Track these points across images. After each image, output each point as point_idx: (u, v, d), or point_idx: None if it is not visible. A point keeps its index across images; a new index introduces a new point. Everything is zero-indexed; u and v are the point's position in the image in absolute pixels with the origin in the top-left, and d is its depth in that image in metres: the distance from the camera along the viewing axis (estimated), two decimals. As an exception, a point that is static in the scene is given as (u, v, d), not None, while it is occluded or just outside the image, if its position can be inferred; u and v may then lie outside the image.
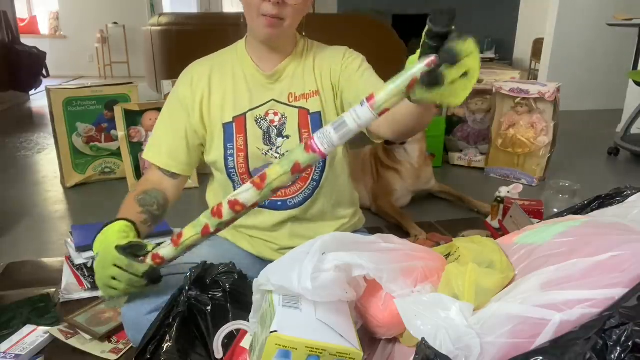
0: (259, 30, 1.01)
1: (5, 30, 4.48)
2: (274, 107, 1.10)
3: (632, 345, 0.47)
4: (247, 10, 1.01)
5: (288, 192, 1.12)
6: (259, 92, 1.10)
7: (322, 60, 1.12)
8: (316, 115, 1.10)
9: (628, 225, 0.67)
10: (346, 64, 1.11)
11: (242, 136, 1.10)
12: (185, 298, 0.83)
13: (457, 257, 0.73)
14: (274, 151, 1.10)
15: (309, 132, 1.10)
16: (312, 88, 1.11)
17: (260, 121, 1.10)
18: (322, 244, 0.65)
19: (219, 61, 1.13)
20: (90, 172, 2.38)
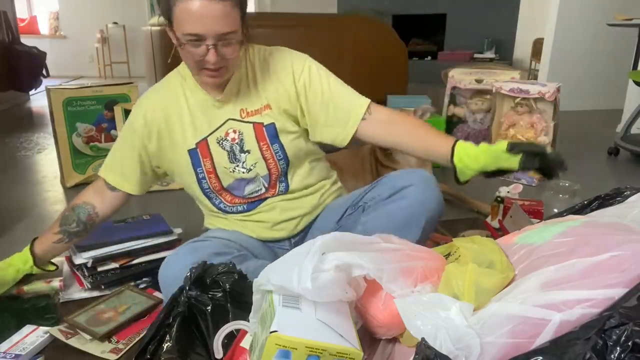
0: (205, 81, 1.06)
1: (5, 30, 4.48)
2: (232, 126, 1.13)
3: (632, 345, 0.47)
4: (188, 63, 1.04)
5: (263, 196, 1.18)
6: (214, 115, 1.13)
7: (268, 74, 1.13)
8: (270, 127, 1.13)
9: (628, 225, 0.67)
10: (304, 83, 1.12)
11: (208, 159, 1.14)
12: (185, 298, 0.83)
13: (457, 257, 0.73)
14: (240, 167, 1.14)
15: (267, 144, 1.13)
16: (263, 102, 1.13)
17: (222, 142, 1.13)
18: (322, 244, 0.65)
19: (169, 91, 1.15)
20: (90, 172, 2.38)
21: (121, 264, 1.35)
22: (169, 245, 1.44)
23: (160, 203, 2.13)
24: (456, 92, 2.69)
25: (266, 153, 1.13)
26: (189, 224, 1.75)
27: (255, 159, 1.14)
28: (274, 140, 1.13)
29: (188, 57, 1.01)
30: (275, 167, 1.15)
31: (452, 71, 2.72)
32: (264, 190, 1.17)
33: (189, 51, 0.98)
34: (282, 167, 1.15)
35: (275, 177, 1.16)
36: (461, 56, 6.41)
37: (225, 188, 1.17)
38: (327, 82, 1.13)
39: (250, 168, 1.14)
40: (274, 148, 1.14)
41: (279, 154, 1.14)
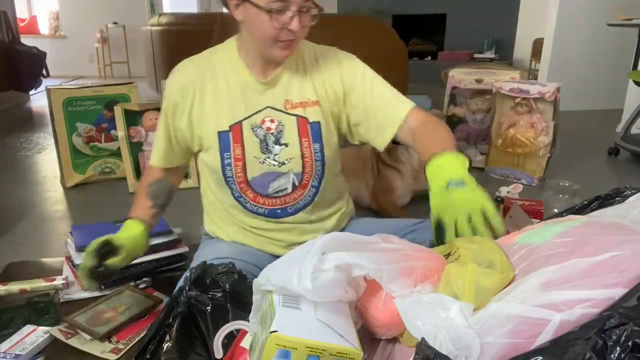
0: (275, 54, 1.00)
1: (5, 30, 4.48)
2: (270, 114, 1.08)
3: (632, 345, 0.47)
4: (260, 38, 0.98)
5: (288, 199, 1.11)
6: (253, 99, 1.08)
7: (317, 69, 1.10)
8: (316, 125, 1.09)
9: (628, 225, 0.67)
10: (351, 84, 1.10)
11: (239, 145, 1.08)
12: (185, 298, 0.83)
13: (457, 257, 0.73)
14: (271, 159, 1.09)
15: (309, 141, 1.09)
16: (312, 98, 1.09)
17: (257, 129, 1.08)
18: (322, 244, 0.65)
19: (210, 65, 1.09)
20: (90, 172, 2.38)
21: (121, 264, 1.35)
22: (169, 245, 1.44)
23: (160, 203, 2.13)
24: (456, 92, 2.69)
25: (306, 150, 1.09)
26: (189, 224, 1.75)
27: (293, 154, 1.09)
28: (317, 139, 1.09)
29: (264, 28, 0.95)
30: (311, 167, 1.10)
31: (452, 71, 2.72)
32: (291, 189, 1.11)
33: (272, 20, 0.93)
34: (317, 169, 1.11)
35: (308, 178, 1.11)
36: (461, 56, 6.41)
37: (249, 182, 1.10)
38: (370, 86, 1.10)
39: (284, 162, 1.08)
40: (314, 147, 1.10)
41: (317, 155, 1.10)
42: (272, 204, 1.11)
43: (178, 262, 1.41)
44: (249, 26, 0.99)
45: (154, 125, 2.33)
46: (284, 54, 1.00)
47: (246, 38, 1.04)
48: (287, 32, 0.95)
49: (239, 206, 1.13)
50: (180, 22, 4.13)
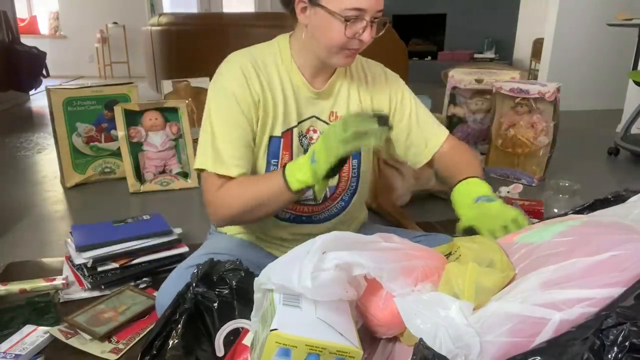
0: (337, 62, 0.98)
1: (5, 30, 4.48)
2: (315, 124, 1.06)
3: (629, 345, 0.47)
4: (326, 44, 0.95)
5: (315, 208, 1.10)
6: (304, 107, 1.05)
7: (365, 84, 1.10)
8: None
9: (628, 225, 0.67)
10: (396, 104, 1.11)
11: (288, 153, 1.04)
12: (192, 295, 0.83)
13: (458, 256, 0.73)
14: None
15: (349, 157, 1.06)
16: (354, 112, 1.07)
17: (302, 138, 1.06)
18: (322, 243, 0.65)
19: (262, 62, 1.02)
20: (90, 172, 2.38)
21: (121, 264, 1.35)
22: (169, 245, 1.44)
23: (160, 203, 2.13)
24: (456, 92, 2.69)
25: (345, 166, 1.07)
26: (189, 224, 1.75)
27: None
28: (356, 155, 1.09)
29: (335, 36, 0.92)
30: (346, 182, 1.10)
31: (452, 71, 2.72)
32: (320, 199, 1.10)
33: (345, 28, 0.90)
34: (351, 185, 1.11)
35: (340, 192, 1.11)
36: (461, 56, 6.41)
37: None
38: (416, 110, 1.12)
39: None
40: (352, 163, 1.09)
41: (354, 171, 1.10)
42: (300, 210, 1.10)
43: (178, 262, 1.41)
44: (315, 31, 0.95)
45: (154, 125, 2.34)
46: (346, 62, 0.98)
47: (304, 41, 1.00)
48: (357, 41, 0.94)
49: None
50: (180, 22, 4.13)
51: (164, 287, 1.03)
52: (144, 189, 2.26)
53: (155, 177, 2.31)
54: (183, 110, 2.39)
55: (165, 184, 2.29)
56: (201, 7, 7.79)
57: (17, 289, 1.29)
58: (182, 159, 2.41)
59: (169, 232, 1.47)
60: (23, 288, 1.29)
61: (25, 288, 1.29)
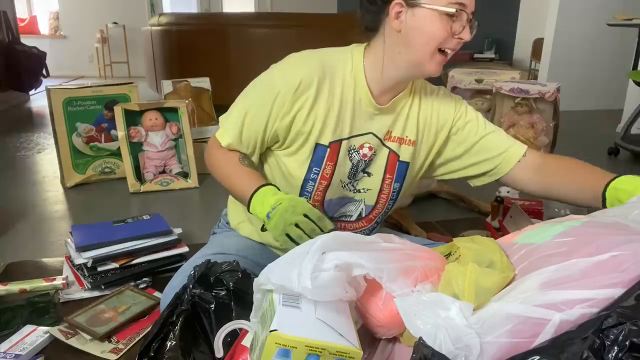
0: (431, 68, 0.93)
1: (5, 30, 4.48)
2: (370, 141, 1.03)
3: (630, 345, 0.47)
4: (423, 43, 0.91)
5: (349, 226, 1.09)
6: (361, 122, 1.01)
7: (430, 109, 1.07)
8: (404, 165, 1.06)
9: (628, 225, 0.67)
10: (458, 125, 1.07)
11: (331, 165, 1.01)
12: (189, 296, 0.83)
13: (458, 256, 0.73)
14: (351, 184, 1.05)
15: (392, 180, 1.06)
16: (411, 137, 1.05)
17: (353, 153, 1.03)
18: (322, 243, 0.65)
19: (330, 71, 0.99)
20: (90, 172, 2.38)
21: (121, 264, 1.35)
22: (169, 245, 1.44)
23: (160, 203, 2.13)
24: (456, 92, 2.69)
25: (386, 187, 1.06)
26: (189, 224, 1.75)
27: (371, 185, 1.06)
28: (399, 179, 1.07)
29: (435, 33, 0.89)
30: (384, 204, 1.08)
31: (452, 71, 2.72)
32: (355, 218, 1.09)
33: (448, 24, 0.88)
34: (388, 208, 1.09)
35: (377, 213, 1.09)
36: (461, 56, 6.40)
37: (323, 202, 1.05)
38: (483, 123, 1.09)
39: (360, 190, 1.05)
40: (394, 186, 1.07)
41: (394, 195, 1.08)
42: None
43: (178, 262, 1.41)
44: (411, 34, 0.92)
45: (154, 125, 2.34)
46: (438, 69, 0.94)
47: (387, 52, 0.96)
48: (455, 41, 0.91)
49: None
50: (180, 22, 4.13)
51: (168, 288, 1.03)
52: (144, 189, 2.26)
53: (155, 177, 2.31)
54: (183, 110, 2.39)
55: (165, 184, 2.29)
56: (201, 7, 7.79)
57: (17, 289, 1.29)
58: (182, 159, 2.41)
59: (169, 232, 1.47)
60: (23, 288, 1.29)
61: (25, 288, 1.29)
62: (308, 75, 0.96)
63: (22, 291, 1.29)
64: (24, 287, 1.29)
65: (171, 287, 1.01)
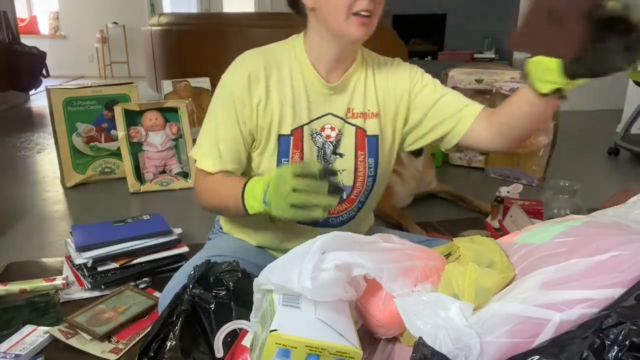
0: (352, 31, 0.92)
1: (5, 30, 4.48)
2: (330, 121, 1.03)
3: (629, 344, 0.47)
4: (333, 11, 0.92)
5: (332, 211, 1.08)
6: (317, 104, 1.02)
7: (385, 80, 1.07)
8: (373, 139, 1.06)
9: (628, 225, 0.67)
10: (415, 90, 1.07)
11: (298, 152, 1.02)
12: (189, 296, 0.83)
13: (458, 256, 0.73)
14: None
15: (365, 155, 1.05)
16: (373, 110, 1.05)
17: (316, 136, 1.03)
18: (322, 243, 0.65)
19: (275, 61, 1.01)
20: (90, 172, 2.38)
21: (121, 264, 1.35)
22: (169, 245, 1.44)
23: (160, 203, 2.13)
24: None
25: (360, 164, 1.06)
26: (189, 224, 1.75)
27: (346, 166, 1.05)
28: (372, 154, 1.07)
29: (335, 3, 0.90)
30: (362, 182, 1.07)
31: (452, 71, 2.72)
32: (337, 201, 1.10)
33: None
34: (368, 185, 1.08)
35: (357, 193, 1.08)
36: (461, 56, 6.41)
37: None
38: (440, 86, 1.08)
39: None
40: (369, 162, 1.06)
41: (371, 170, 1.07)
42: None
43: (178, 262, 1.41)
44: (322, 8, 0.93)
45: (154, 125, 2.34)
46: (360, 31, 0.92)
47: (317, 31, 0.99)
48: (363, 1, 0.90)
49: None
50: (180, 22, 4.13)
51: (167, 289, 1.03)
52: (144, 189, 2.26)
53: (155, 177, 2.31)
54: (183, 110, 2.39)
55: (165, 184, 2.29)
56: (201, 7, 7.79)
57: (17, 289, 1.29)
58: (182, 159, 2.41)
59: (169, 232, 1.47)
60: (23, 288, 1.29)
61: (25, 288, 1.29)
62: (254, 68, 0.99)
63: (22, 291, 1.29)
64: (24, 287, 1.29)
65: (169, 289, 1.01)
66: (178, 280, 1.00)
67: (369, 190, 1.10)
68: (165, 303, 0.94)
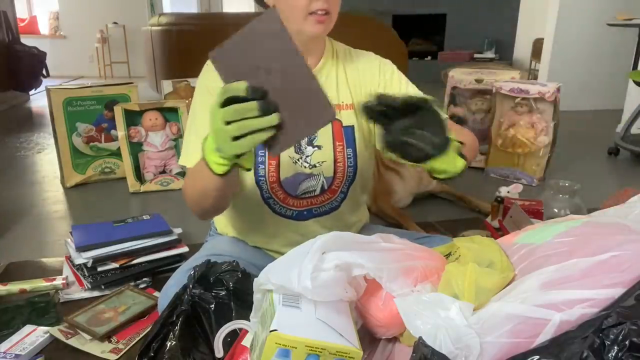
0: (309, 29, 0.95)
1: (5, 30, 4.48)
2: None
3: (629, 344, 0.47)
4: (291, 11, 0.94)
5: (315, 201, 1.10)
6: None
7: (356, 72, 1.09)
8: (349, 129, 1.07)
9: (628, 225, 0.67)
10: (384, 82, 1.08)
11: None
12: (189, 296, 0.83)
13: (457, 256, 0.73)
14: (303, 160, 1.06)
15: (343, 146, 1.06)
16: (347, 101, 1.07)
17: None
18: (322, 243, 0.65)
19: None
20: (90, 172, 2.38)
21: (121, 264, 1.35)
22: (168, 245, 1.44)
23: (160, 203, 2.13)
24: (456, 92, 2.69)
25: (339, 155, 1.07)
26: (189, 224, 1.75)
27: (325, 157, 1.06)
28: (350, 144, 1.08)
29: (292, 3, 0.93)
30: (342, 172, 1.08)
31: (452, 71, 2.72)
32: (319, 192, 1.09)
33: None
34: (349, 175, 1.09)
35: (339, 183, 1.09)
36: (461, 56, 6.41)
37: (281, 182, 1.06)
38: (405, 86, 1.10)
39: (315, 165, 1.06)
40: (347, 152, 1.08)
41: (350, 160, 1.08)
42: (299, 204, 1.09)
43: (178, 262, 1.41)
44: (280, 7, 0.95)
45: (154, 125, 2.34)
46: (318, 29, 0.95)
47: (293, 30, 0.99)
48: (318, 2, 0.92)
49: (266, 209, 1.08)
50: (180, 22, 4.13)
51: (165, 289, 1.03)
52: (144, 189, 2.26)
53: (155, 177, 2.31)
54: (183, 110, 2.39)
55: (165, 184, 2.29)
56: (201, 7, 7.79)
57: (17, 289, 1.29)
58: (182, 159, 2.41)
59: (169, 232, 1.47)
60: (23, 288, 1.29)
61: (25, 288, 1.29)
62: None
63: (22, 291, 1.29)
64: (24, 287, 1.29)
65: (167, 290, 1.01)
66: (176, 279, 1.00)
67: (350, 180, 1.11)
68: (164, 302, 0.94)
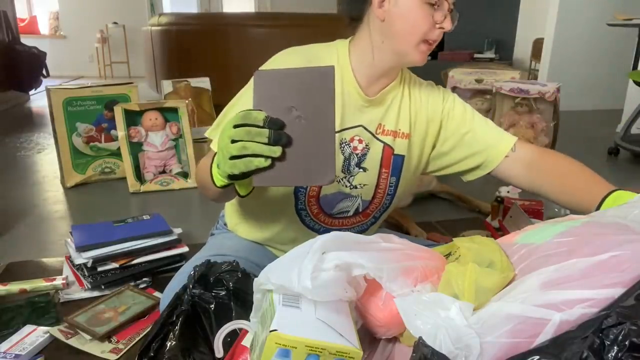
0: (416, 57, 0.94)
1: (5, 30, 4.48)
2: (361, 134, 1.01)
3: (629, 344, 0.47)
4: (407, 34, 0.92)
5: (346, 222, 1.08)
6: (351, 114, 1.00)
7: (419, 101, 1.06)
8: (399, 159, 1.05)
9: (628, 225, 0.67)
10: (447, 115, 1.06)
11: None
12: (189, 296, 0.83)
13: (458, 256, 0.73)
14: (346, 180, 1.03)
15: (388, 173, 1.05)
16: (405, 130, 1.04)
17: (344, 146, 1.01)
18: (322, 243, 0.65)
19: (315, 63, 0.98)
20: (90, 172, 2.38)
21: (121, 264, 1.35)
22: (169, 245, 1.44)
23: (160, 203, 2.13)
24: (456, 92, 2.69)
25: (382, 181, 1.05)
26: (189, 224, 1.75)
27: (368, 180, 1.04)
28: (395, 173, 1.06)
29: (418, 23, 0.90)
30: (380, 199, 1.07)
31: (452, 71, 2.72)
32: (352, 213, 1.07)
33: (430, 14, 0.89)
34: (385, 203, 1.08)
35: (374, 208, 1.08)
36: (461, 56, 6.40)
37: (319, 198, 1.03)
38: (471, 114, 1.08)
39: (356, 186, 1.04)
40: (390, 180, 1.06)
41: (391, 188, 1.07)
42: (331, 223, 1.08)
43: (178, 262, 1.42)
44: (394, 23, 0.92)
45: (154, 125, 2.34)
46: (422, 58, 0.94)
47: (373, 42, 0.96)
48: (437, 32, 0.92)
49: (296, 218, 1.06)
50: (180, 22, 4.13)
51: (168, 289, 1.02)
52: (144, 189, 2.26)
53: (155, 177, 2.31)
54: (183, 110, 2.39)
55: (165, 184, 2.29)
56: (201, 7, 7.79)
57: (17, 289, 1.29)
58: (182, 159, 2.41)
59: (169, 232, 1.47)
60: (23, 288, 1.29)
61: (25, 288, 1.29)
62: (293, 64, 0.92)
63: (22, 291, 1.29)
64: (24, 287, 1.29)
65: (170, 289, 1.00)
66: (179, 279, 1.00)
67: (386, 207, 1.10)
68: (167, 303, 0.94)
